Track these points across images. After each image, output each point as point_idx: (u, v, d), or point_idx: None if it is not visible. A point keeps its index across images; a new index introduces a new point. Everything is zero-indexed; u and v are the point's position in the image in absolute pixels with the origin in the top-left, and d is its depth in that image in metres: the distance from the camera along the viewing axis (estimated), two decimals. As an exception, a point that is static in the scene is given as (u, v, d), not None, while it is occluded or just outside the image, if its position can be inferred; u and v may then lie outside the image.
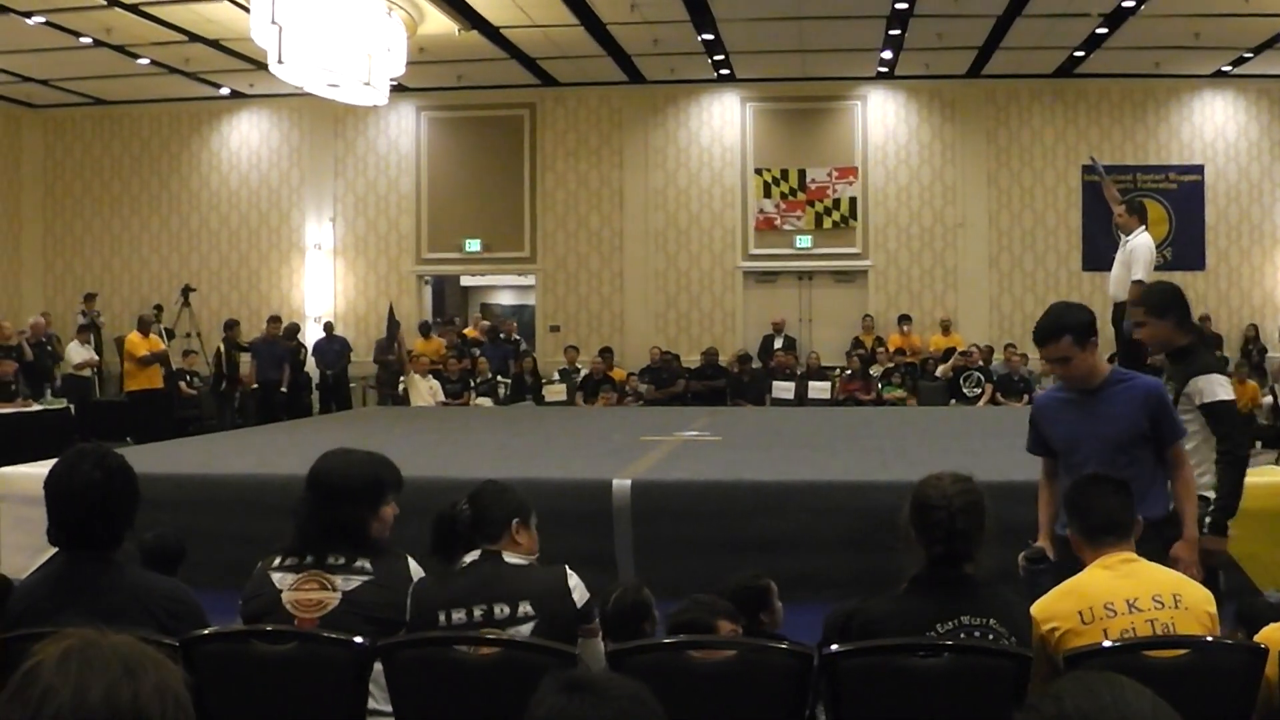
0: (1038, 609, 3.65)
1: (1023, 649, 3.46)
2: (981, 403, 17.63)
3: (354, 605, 3.72)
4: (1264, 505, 7.22)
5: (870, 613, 3.66)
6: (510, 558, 3.81)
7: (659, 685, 3.39)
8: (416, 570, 3.91)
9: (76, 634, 1.59)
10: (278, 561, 3.85)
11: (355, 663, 3.47)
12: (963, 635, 3.50)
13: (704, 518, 7.61)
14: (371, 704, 3.56)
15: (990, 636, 3.51)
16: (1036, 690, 3.27)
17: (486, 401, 17.80)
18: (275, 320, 18.84)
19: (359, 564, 3.79)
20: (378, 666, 3.53)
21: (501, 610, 3.63)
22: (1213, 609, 3.54)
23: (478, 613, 3.63)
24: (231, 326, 18.48)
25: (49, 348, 16.90)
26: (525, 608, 3.64)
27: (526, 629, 3.61)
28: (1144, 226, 10.11)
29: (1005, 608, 3.61)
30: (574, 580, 3.77)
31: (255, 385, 18.11)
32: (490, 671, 3.46)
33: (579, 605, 3.73)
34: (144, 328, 16.85)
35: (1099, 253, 18.09)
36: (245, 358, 18.33)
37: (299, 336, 19.35)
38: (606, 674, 1.96)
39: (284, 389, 18.27)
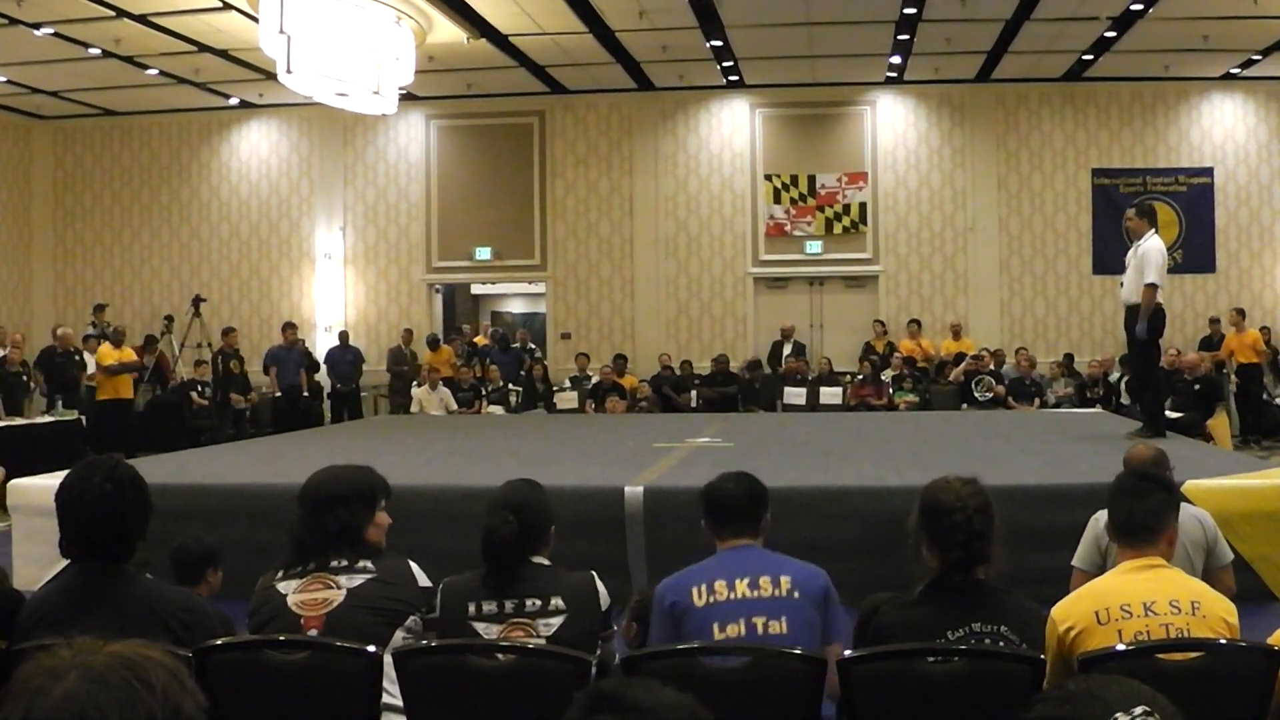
0: (1057, 610, 3.62)
1: (1035, 653, 3.45)
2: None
3: (359, 599, 3.76)
4: (1277, 508, 7.19)
5: (883, 620, 3.65)
6: (532, 558, 3.85)
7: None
8: (418, 572, 3.94)
9: (66, 667, 1.50)
10: (280, 574, 3.87)
11: (368, 670, 3.47)
12: (973, 642, 3.49)
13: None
14: (386, 699, 3.56)
15: (1001, 644, 3.50)
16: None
17: (498, 410, 17.79)
18: (291, 327, 18.88)
19: (361, 564, 3.84)
20: (390, 660, 3.54)
21: (533, 603, 3.67)
22: (1233, 619, 3.51)
23: (509, 605, 3.67)
24: (228, 333, 18.28)
25: (77, 357, 16.91)
26: (557, 602, 3.69)
27: (557, 621, 3.66)
28: (1154, 230, 10.15)
29: (1017, 614, 3.59)
30: (601, 585, 3.86)
31: (278, 394, 18.13)
32: (507, 679, 3.45)
33: (603, 608, 3.81)
34: (116, 340, 17.03)
35: (1109, 256, 18.10)
36: (248, 363, 18.36)
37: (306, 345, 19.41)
38: (645, 684, 1.69)
39: (306, 394, 18.36)
